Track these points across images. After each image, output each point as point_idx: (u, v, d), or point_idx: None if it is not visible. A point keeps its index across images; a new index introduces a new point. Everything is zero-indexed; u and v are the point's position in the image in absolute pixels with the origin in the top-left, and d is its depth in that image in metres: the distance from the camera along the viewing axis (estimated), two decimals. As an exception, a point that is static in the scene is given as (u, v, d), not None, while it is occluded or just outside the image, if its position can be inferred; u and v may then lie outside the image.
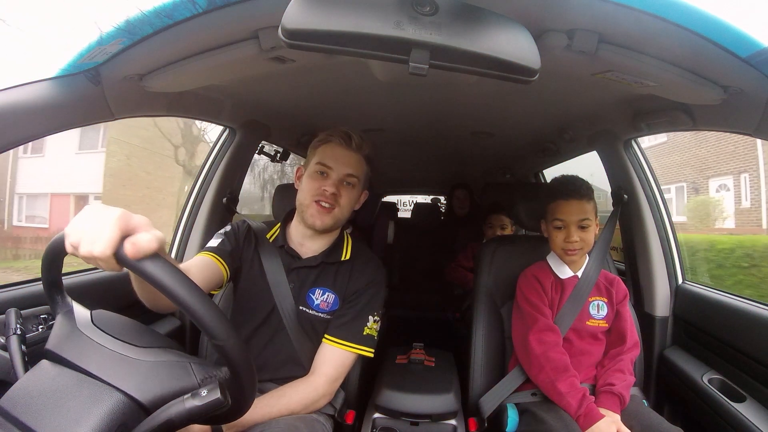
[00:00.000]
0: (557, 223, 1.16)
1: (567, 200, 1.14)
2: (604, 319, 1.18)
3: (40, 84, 0.78)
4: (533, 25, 0.64)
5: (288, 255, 1.07)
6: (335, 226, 1.05)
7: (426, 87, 1.27)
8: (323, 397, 0.98)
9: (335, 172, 1.02)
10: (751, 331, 1.07)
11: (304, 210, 1.02)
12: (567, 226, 1.14)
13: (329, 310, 1.05)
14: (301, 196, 1.04)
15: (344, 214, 1.04)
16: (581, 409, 1.01)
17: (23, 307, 0.77)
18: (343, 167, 1.02)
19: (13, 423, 0.48)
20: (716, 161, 7.21)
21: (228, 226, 1.12)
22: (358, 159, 1.05)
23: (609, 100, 1.27)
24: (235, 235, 1.08)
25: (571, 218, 1.14)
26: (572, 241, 1.13)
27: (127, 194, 8.32)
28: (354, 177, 1.04)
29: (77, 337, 0.56)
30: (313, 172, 1.03)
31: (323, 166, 1.02)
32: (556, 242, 1.17)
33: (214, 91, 1.24)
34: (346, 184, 1.03)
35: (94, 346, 0.55)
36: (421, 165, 2.90)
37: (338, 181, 1.02)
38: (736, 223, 6.88)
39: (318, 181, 1.02)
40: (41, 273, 0.60)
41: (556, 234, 1.17)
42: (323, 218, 1.01)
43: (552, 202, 1.17)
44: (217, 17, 0.71)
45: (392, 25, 0.56)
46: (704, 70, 0.79)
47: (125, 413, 0.51)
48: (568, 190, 1.15)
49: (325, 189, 1.00)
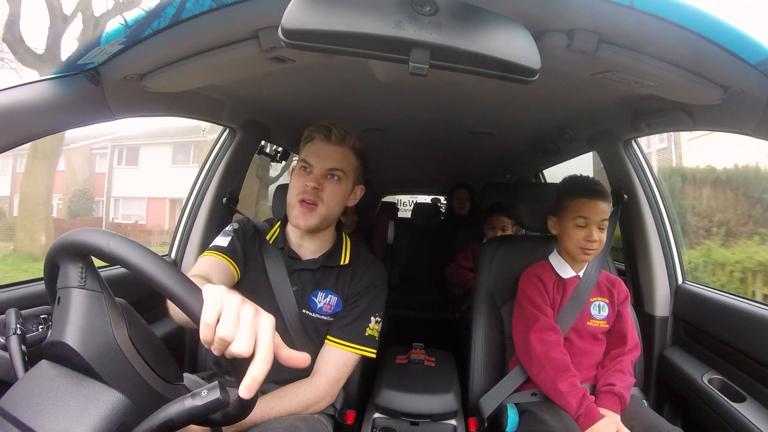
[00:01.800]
0: (580, 221, 1.14)
1: (592, 199, 1.13)
2: (605, 320, 1.18)
3: (40, 84, 0.78)
4: (533, 25, 0.64)
5: (288, 257, 1.06)
6: (322, 226, 1.03)
7: (426, 87, 1.27)
8: (324, 398, 0.98)
9: (317, 168, 1.00)
10: (751, 331, 1.07)
11: (291, 211, 1.01)
12: (589, 225, 1.13)
13: (332, 312, 1.05)
14: (288, 197, 1.03)
15: (331, 210, 1.01)
16: (581, 408, 1.01)
17: (23, 307, 0.76)
18: (325, 161, 1.00)
19: (13, 423, 0.48)
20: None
21: (235, 223, 1.11)
22: (342, 151, 1.02)
23: (609, 100, 1.27)
24: (243, 233, 1.07)
25: (596, 217, 1.13)
26: (593, 240, 1.12)
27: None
28: (338, 170, 1.00)
29: (112, 350, 0.53)
30: (298, 170, 1.02)
31: (305, 163, 1.01)
32: (574, 240, 1.15)
33: (214, 91, 1.24)
34: (330, 177, 1.00)
35: (125, 365, 0.53)
36: (421, 165, 2.90)
37: (320, 176, 0.99)
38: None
39: (301, 178, 1.00)
40: (44, 272, 0.60)
41: (576, 232, 1.14)
42: (307, 219, 0.99)
43: (576, 199, 1.15)
44: (217, 17, 0.71)
45: (392, 24, 0.55)
46: (704, 70, 0.79)
47: (125, 413, 0.51)
48: (595, 190, 1.14)
49: (306, 184, 0.98)
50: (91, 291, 0.54)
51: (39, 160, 6.21)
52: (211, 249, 1.02)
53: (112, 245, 0.50)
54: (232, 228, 1.08)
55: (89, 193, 10.19)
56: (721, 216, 3.58)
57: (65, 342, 0.51)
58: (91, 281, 0.55)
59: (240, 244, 1.04)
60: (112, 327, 0.54)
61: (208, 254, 1.01)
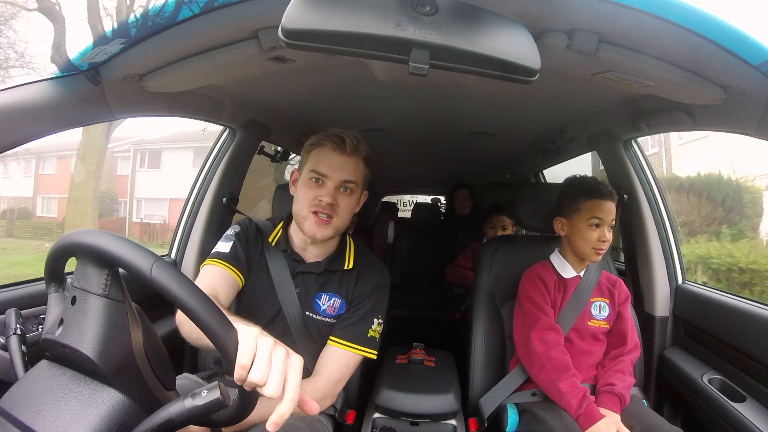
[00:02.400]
0: (595, 221, 1.14)
1: (604, 200, 1.14)
2: (606, 320, 1.18)
3: (40, 84, 0.78)
4: (533, 25, 0.64)
5: (292, 259, 1.05)
6: (335, 235, 1.02)
7: (426, 87, 1.27)
8: (326, 398, 0.98)
9: (331, 180, 0.96)
10: (751, 331, 1.07)
11: (302, 221, 0.98)
12: (602, 225, 1.14)
13: (336, 314, 1.04)
14: (297, 207, 0.99)
15: (344, 222, 0.99)
16: (581, 408, 1.01)
17: (23, 307, 0.77)
18: (339, 174, 0.96)
19: (13, 423, 0.48)
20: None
21: (237, 226, 1.08)
22: (355, 162, 0.98)
23: (609, 100, 1.27)
24: (246, 236, 1.05)
25: (608, 218, 1.14)
26: (606, 240, 1.13)
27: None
28: (352, 183, 0.97)
29: (128, 361, 0.53)
30: (308, 180, 0.97)
31: (317, 174, 0.96)
32: (588, 240, 1.14)
33: (214, 91, 1.24)
34: (344, 190, 0.97)
35: (138, 377, 0.53)
36: (421, 165, 2.90)
37: (335, 189, 0.96)
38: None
39: (313, 190, 0.96)
40: (45, 268, 0.59)
41: (590, 232, 1.14)
42: (323, 230, 0.96)
43: (590, 200, 1.15)
44: (217, 17, 0.71)
45: (392, 25, 0.55)
46: (704, 70, 0.79)
47: (125, 413, 0.51)
48: (608, 191, 1.15)
49: (321, 199, 0.95)
50: (114, 301, 0.53)
51: (86, 165, 6.61)
52: (213, 257, 1.01)
53: (155, 272, 0.49)
54: (233, 231, 1.06)
55: (112, 194, 10.54)
56: (685, 218, 3.94)
57: (82, 352, 0.50)
58: (116, 291, 0.53)
59: (242, 249, 1.03)
60: (131, 338, 0.53)
61: (210, 263, 0.99)
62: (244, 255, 1.02)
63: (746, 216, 3.64)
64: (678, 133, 4.20)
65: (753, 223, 3.63)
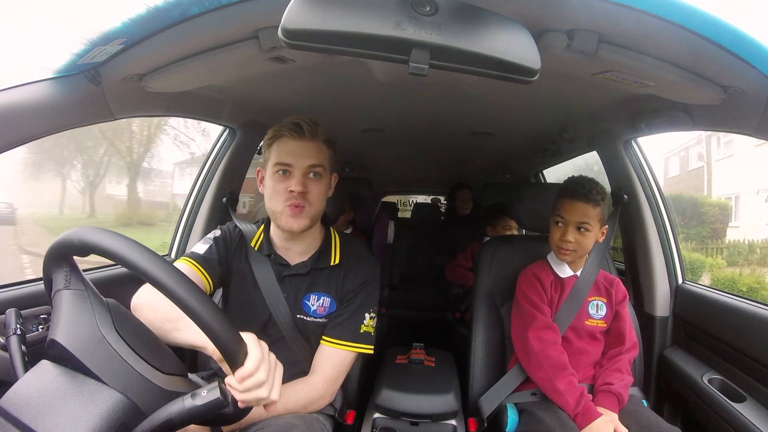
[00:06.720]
0: (558, 219, 1.16)
1: (572, 200, 1.14)
2: (603, 320, 1.18)
3: (40, 84, 0.78)
4: (533, 25, 0.64)
5: (277, 263, 1.04)
6: (312, 224, 1.01)
7: (426, 87, 1.27)
8: (323, 397, 0.98)
9: (297, 169, 0.95)
10: (751, 331, 1.07)
11: (278, 217, 0.97)
12: (566, 225, 1.14)
13: (326, 313, 1.04)
14: (270, 204, 0.98)
15: (318, 209, 0.99)
16: (579, 407, 1.01)
17: (23, 307, 0.77)
18: (304, 160, 0.95)
19: (13, 423, 0.48)
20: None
21: (218, 230, 1.08)
22: (317, 146, 0.98)
23: (609, 100, 1.27)
24: (225, 242, 1.04)
25: (571, 218, 1.13)
26: (566, 240, 1.13)
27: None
28: (318, 167, 0.97)
29: (98, 342, 0.55)
30: (274, 174, 0.97)
31: (283, 165, 0.96)
32: (553, 239, 1.17)
33: (214, 91, 1.24)
34: (313, 176, 0.97)
35: (115, 357, 0.55)
36: (422, 165, 2.90)
37: (303, 177, 0.96)
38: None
39: (282, 183, 0.96)
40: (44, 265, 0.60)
41: (554, 230, 1.17)
42: (299, 221, 0.96)
43: (559, 198, 1.17)
44: (217, 17, 0.71)
45: (392, 25, 0.55)
46: (704, 70, 0.79)
47: (125, 413, 0.51)
48: (576, 191, 1.14)
49: (291, 189, 0.94)
50: (75, 290, 0.58)
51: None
52: (187, 255, 1.00)
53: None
54: (213, 235, 1.05)
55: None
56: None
57: (55, 339, 0.53)
58: (75, 281, 0.58)
59: (219, 253, 1.02)
60: (97, 321, 0.56)
61: (183, 261, 0.99)
62: (219, 259, 1.01)
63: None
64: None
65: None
